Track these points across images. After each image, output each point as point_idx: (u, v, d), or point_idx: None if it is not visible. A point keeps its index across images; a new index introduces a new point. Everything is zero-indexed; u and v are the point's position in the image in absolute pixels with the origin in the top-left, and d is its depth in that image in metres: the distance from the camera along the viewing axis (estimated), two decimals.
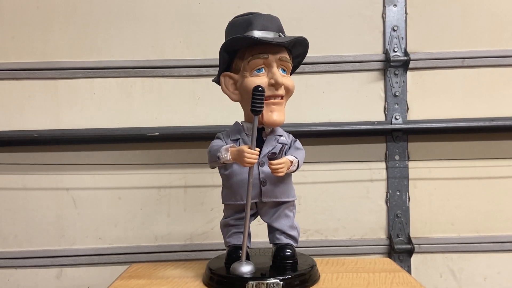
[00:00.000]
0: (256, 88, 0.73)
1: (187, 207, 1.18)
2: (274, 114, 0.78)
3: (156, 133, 1.12)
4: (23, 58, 1.16)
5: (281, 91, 0.79)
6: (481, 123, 1.13)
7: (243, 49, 0.79)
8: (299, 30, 1.14)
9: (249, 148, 0.74)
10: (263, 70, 0.78)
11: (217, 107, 1.15)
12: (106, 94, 1.17)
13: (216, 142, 0.81)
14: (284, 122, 0.81)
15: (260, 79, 0.77)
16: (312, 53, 1.13)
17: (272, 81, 0.77)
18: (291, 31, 0.89)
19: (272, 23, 0.80)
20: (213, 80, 0.87)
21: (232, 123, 0.85)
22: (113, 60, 1.16)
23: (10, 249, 1.16)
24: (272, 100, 0.78)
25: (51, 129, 1.15)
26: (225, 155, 0.77)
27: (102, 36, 1.16)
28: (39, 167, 1.17)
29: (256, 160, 0.74)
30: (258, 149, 0.76)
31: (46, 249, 1.16)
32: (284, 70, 0.80)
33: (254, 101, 0.73)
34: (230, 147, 0.77)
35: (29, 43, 1.16)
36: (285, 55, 0.80)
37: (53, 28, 1.16)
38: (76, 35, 1.16)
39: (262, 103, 0.73)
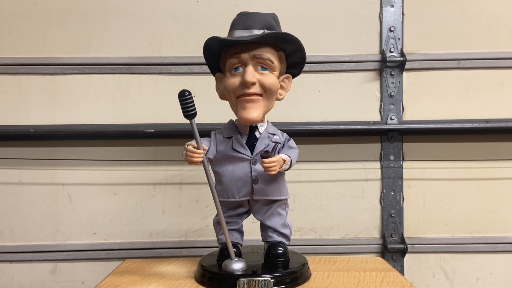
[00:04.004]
0: (182, 93, 0.73)
1: (182, 204, 1.18)
2: (247, 111, 0.78)
3: (152, 130, 1.12)
4: (20, 53, 1.16)
5: (255, 89, 0.78)
6: (476, 125, 1.13)
7: (225, 50, 0.80)
8: (296, 30, 1.14)
9: (194, 147, 0.75)
10: (240, 68, 0.79)
11: (214, 105, 1.14)
12: (103, 91, 1.17)
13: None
14: (280, 121, 0.82)
15: (234, 78, 0.78)
16: (308, 52, 1.12)
17: (242, 79, 0.77)
18: (287, 30, 0.89)
19: (256, 21, 0.79)
20: None
21: (227, 120, 0.85)
22: (110, 56, 1.16)
23: (5, 243, 1.17)
24: (246, 98, 0.78)
25: (48, 124, 1.16)
26: (184, 153, 0.78)
27: (99, 33, 1.17)
28: (35, 162, 1.17)
29: (200, 159, 0.75)
30: (207, 148, 0.78)
31: (41, 244, 1.17)
32: (264, 68, 0.79)
33: (184, 106, 0.73)
34: (187, 145, 0.78)
35: (27, 38, 1.16)
36: (261, 53, 0.78)
37: (50, 23, 1.16)
38: (74, 31, 1.16)
39: (192, 106, 0.73)
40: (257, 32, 0.77)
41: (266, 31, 0.78)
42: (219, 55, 0.83)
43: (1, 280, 1.17)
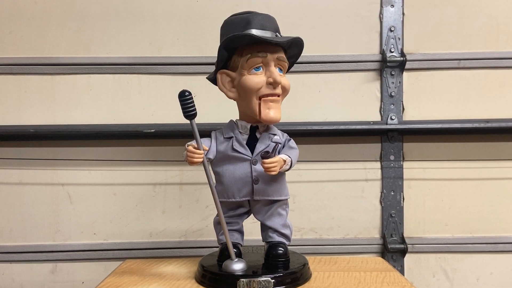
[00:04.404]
0: (182, 93, 0.73)
1: (182, 204, 1.18)
2: (271, 111, 0.79)
3: (152, 130, 1.12)
4: (20, 53, 1.16)
5: (278, 90, 0.80)
6: (476, 125, 1.13)
7: (242, 47, 0.79)
8: (296, 29, 1.15)
9: (194, 147, 0.75)
10: (261, 68, 0.79)
11: (214, 105, 1.15)
12: (103, 90, 1.17)
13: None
14: (280, 121, 0.82)
15: (258, 78, 0.78)
16: (309, 52, 1.15)
17: (271, 79, 0.78)
18: (288, 30, 0.89)
19: (269, 22, 0.81)
20: (207, 78, 0.87)
21: (227, 121, 0.85)
22: (110, 56, 1.16)
23: (5, 243, 1.17)
24: (270, 98, 0.79)
25: (48, 124, 1.15)
26: (184, 153, 0.78)
27: (99, 32, 1.16)
28: (35, 162, 1.17)
29: (200, 160, 0.75)
30: (207, 148, 0.78)
31: (41, 244, 1.17)
32: (280, 70, 0.81)
33: (185, 107, 0.73)
34: (187, 145, 0.78)
35: (27, 38, 1.16)
36: (282, 55, 0.80)
37: (50, 23, 1.16)
38: (74, 31, 1.16)
39: (192, 107, 0.73)
40: (271, 33, 0.79)
41: (277, 34, 0.80)
42: (231, 53, 0.81)
43: (1, 280, 1.17)
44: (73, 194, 1.17)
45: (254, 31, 0.77)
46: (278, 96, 0.80)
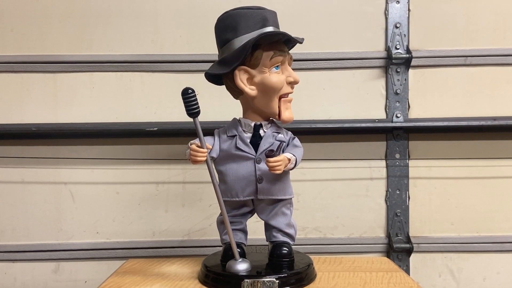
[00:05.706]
0: (185, 91, 0.72)
1: (185, 203, 1.17)
2: (288, 111, 0.80)
3: (155, 128, 1.11)
4: (22, 51, 1.15)
5: (293, 89, 0.81)
6: (483, 122, 1.12)
7: (265, 44, 0.77)
8: (299, 26, 1.14)
9: (198, 146, 0.75)
10: (279, 67, 0.78)
11: (217, 103, 1.14)
12: (105, 88, 1.16)
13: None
14: None
15: (280, 76, 0.78)
16: (313, 50, 1.14)
17: (291, 79, 0.79)
18: (292, 27, 0.88)
19: (276, 19, 0.80)
20: (209, 72, 0.82)
21: (230, 119, 0.84)
22: (113, 54, 1.15)
23: (7, 242, 1.16)
24: (288, 98, 0.80)
25: (50, 122, 1.15)
26: (187, 152, 0.77)
27: (101, 30, 1.16)
28: (38, 161, 1.16)
29: (204, 159, 0.75)
30: (210, 147, 0.78)
31: (43, 243, 1.16)
32: None
33: (188, 105, 0.72)
34: (190, 144, 0.77)
35: (28, 35, 1.15)
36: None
37: (52, 21, 1.15)
38: (76, 28, 1.15)
39: (195, 104, 0.72)
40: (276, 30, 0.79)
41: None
42: (252, 49, 0.77)
43: (3, 280, 1.17)
44: (76, 192, 1.17)
45: (270, 29, 0.77)
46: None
